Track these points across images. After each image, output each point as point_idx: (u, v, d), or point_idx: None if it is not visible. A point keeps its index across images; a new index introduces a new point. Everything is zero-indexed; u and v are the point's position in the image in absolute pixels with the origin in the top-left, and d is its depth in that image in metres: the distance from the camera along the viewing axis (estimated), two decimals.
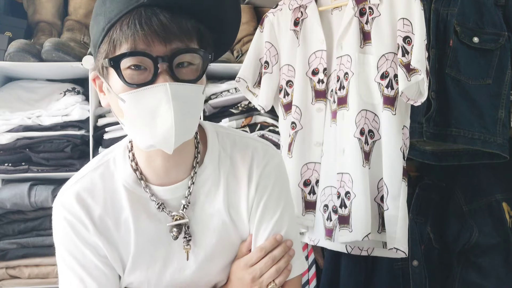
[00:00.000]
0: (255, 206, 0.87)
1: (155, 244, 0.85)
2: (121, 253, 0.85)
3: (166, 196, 0.85)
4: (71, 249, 0.84)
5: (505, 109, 1.42)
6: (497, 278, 1.49)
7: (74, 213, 0.83)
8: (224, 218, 0.87)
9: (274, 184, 0.89)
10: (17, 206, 1.55)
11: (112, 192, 0.85)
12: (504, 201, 1.52)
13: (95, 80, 0.81)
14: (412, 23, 1.25)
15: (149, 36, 0.69)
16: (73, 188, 0.85)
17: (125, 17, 0.70)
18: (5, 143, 1.60)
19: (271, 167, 0.89)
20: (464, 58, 1.43)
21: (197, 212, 0.86)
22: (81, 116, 1.64)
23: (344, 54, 1.36)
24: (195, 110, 0.77)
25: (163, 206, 0.84)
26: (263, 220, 0.87)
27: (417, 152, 1.52)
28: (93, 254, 0.83)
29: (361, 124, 1.31)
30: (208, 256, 0.87)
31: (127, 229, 0.84)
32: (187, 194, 0.85)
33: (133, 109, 0.73)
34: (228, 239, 0.88)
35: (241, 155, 0.88)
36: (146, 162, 0.84)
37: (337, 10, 1.41)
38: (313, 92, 1.44)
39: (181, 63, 0.74)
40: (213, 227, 0.86)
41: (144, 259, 0.85)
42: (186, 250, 0.85)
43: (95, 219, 0.83)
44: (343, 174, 1.33)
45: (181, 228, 0.84)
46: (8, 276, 1.60)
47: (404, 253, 1.26)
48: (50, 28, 1.76)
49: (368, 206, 1.29)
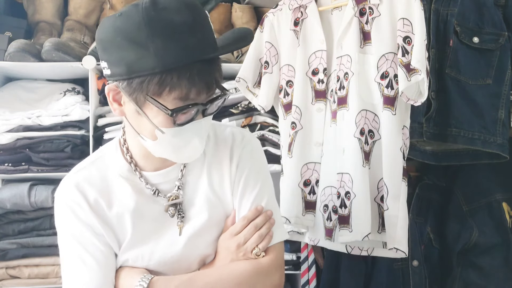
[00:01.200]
0: (236, 182, 0.97)
1: (150, 223, 0.94)
2: (117, 234, 0.93)
3: (159, 180, 0.95)
4: (71, 230, 0.92)
5: (505, 109, 1.42)
6: (497, 278, 1.49)
7: (73, 198, 0.92)
8: (210, 196, 0.96)
9: (253, 163, 0.99)
10: (17, 206, 1.55)
11: (108, 180, 0.94)
12: (504, 201, 1.52)
13: (109, 93, 0.85)
14: (412, 23, 1.25)
15: (198, 89, 0.79)
16: (72, 178, 0.95)
17: (182, 68, 0.76)
18: (5, 143, 1.60)
19: (249, 148, 1.00)
20: (464, 58, 1.43)
21: (188, 192, 0.96)
22: (81, 116, 1.64)
23: (344, 54, 1.36)
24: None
25: (158, 191, 0.94)
26: (245, 193, 0.97)
27: (417, 152, 1.52)
28: (90, 232, 0.91)
29: (361, 124, 1.31)
30: (196, 231, 0.94)
31: (122, 211, 0.93)
32: (180, 176, 0.95)
33: (170, 139, 0.84)
34: (214, 215, 0.96)
35: (222, 140, 1.00)
36: (142, 156, 0.93)
37: (337, 10, 1.42)
38: (313, 92, 1.44)
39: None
40: (201, 205, 0.96)
41: (139, 237, 0.93)
42: (179, 226, 0.94)
43: (90, 202, 0.92)
44: (343, 174, 1.33)
45: (176, 207, 0.94)
46: (8, 276, 1.60)
47: (404, 253, 1.26)
48: (50, 28, 1.76)
49: (368, 206, 1.29)
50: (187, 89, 0.78)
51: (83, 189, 0.92)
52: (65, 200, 0.93)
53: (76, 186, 0.92)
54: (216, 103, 0.86)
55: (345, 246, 1.39)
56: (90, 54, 1.63)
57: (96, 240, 0.91)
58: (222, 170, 0.98)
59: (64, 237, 0.93)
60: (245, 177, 0.97)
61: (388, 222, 1.28)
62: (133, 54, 0.76)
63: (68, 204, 0.92)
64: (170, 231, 0.95)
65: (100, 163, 0.96)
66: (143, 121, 0.83)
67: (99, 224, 0.91)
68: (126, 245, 0.93)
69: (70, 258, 0.92)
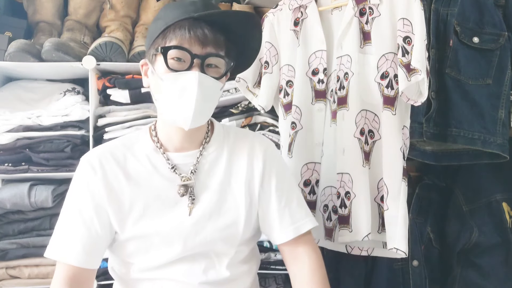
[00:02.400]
0: (267, 179, 1.09)
1: (163, 199, 1.03)
2: (126, 206, 1.01)
3: (178, 161, 1.06)
4: (78, 196, 1.02)
5: (505, 109, 1.42)
6: (497, 278, 1.49)
7: (91, 163, 1.03)
8: (224, 184, 1.06)
9: (280, 165, 1.13)
10: (17, 206, 1.55)
11: (130, 156, 1.06)
12: (504, 201, 1.52)
13: (142, 67, 1.07)
14: (412, 23, 1.25)
15: (192, 39, 0.96)
16: (98, 149, 1.08)
17: (178, 23, 0.96)
18: (5, 143, 1.60)
19: (272, 148, 1.14)
20: (464, 58, 1.43)
21: (201, 177, 1.06)
22: (81, 116, 1.63)
23: (344, 54, 1.36)
24: (212, 100, 1.02)
25: (175, 168, 1.05)
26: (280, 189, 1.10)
27: (417, 152, 1.52)
28: (93, 207, 1.00)
29: (361, 124, 1.31)
30: (206, 214, 1.04)
31: (137, 184, 1.03)
32: (196, 162, 1.07)
33: (168, 87, 0.97)
34: (223, 201, 1.06)
35: (242, 139, 1.13)
36: (166, 136, 1.07)
37: (337, 10, 1.42)
38: (313, 92, 1.44)
39: (210, 64, 0.99)
40: (212, 190, 1.05)
41: (151, 211, 1.02)
42: (190, 208, 1.03)
43: (107, 172, 1.02)
44: (343, 174, 1.33)
45: (187, 188, 1.04)
46: (8, 276, 1.60)
47: (404, 253, 1.26)
48: (50, 28, 1.76)
49: (368, 206, 1.29)
50: (181, 38, 0.95)
51: (104, 158, 1.04)
52: (84, 165, 1.04)
53: (98, 155, 1.05)
54: (214, 64, 0.99)
55: (345, 246, 1.39)
56: (90, 54, 1.63)
57: (95, 218, 1.00)
58: (239, 163, 1.09)
59: (70, 198, 1.04)
60: (276, 184, 1.09)
61: (388, 222, 1.28)
62: (153, 27, 1.01)
63: (85, 171, 1.03)
64: (180, 210, 1.03)
65: (127, 141, 1.09)
66: (155, 79, 1.00)
67: (106, 196, 1.01)
68: (137, 216, 1.01)
69: (66, 218, 1.02)
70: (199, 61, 0.96)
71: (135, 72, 1.68)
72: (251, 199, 1.08)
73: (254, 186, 1.08)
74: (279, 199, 1.08)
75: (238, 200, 1.07)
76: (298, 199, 1.12)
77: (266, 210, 1.09)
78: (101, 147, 1.08)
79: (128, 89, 1.65)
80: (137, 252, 1.03)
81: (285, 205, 1.09)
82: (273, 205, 1.08)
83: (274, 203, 1.08)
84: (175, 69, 0.96)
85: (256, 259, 1.18)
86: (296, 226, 1.08)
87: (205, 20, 0.97)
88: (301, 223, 1.09)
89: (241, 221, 1.06)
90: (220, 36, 0.99)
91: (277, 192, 1.09)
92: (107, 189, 1.01)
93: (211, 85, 0.98)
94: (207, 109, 1.02)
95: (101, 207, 1.01)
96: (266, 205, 1.09)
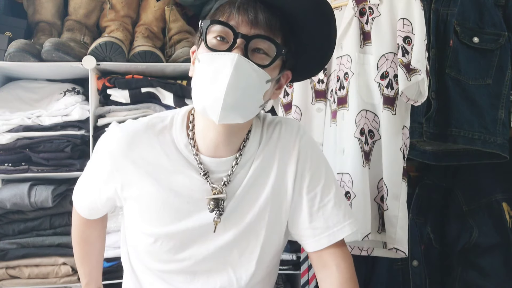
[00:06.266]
0: (298, 182, 0.94)
1: (183, 201, 0.91)
2: (141, 196, 0.92)
3: (211, 166, 0.91)
4: (98, 162, 0.96)
5: (505, 109, 1.42)
6: (497, 278, 1.49)
7: (127, 141, 0.92)
8: (260, 203, 0.93)
9: (314, 159, 0.96)
10: (17, 206, 1.55)
11: (161, 148, 0.91)
12: (504, 201, 1.52)
13: (193, 53, 0.91)
14: (412, 23, 1.25)
15: (241, 17, 0.80)
16: (135, 127, 0.94)
17: (231, 1, 0.82)
18: (5, 143, 1.60)
19: (306, 140, 0.97)
20: (464, 58, 1.43)
21: (235, 191, 0.92)
22: (81, 116, 1.63)
23: (344, 54, 1.36)
24: (252, 92, 0.82)
25: (208, 174, 0.91)
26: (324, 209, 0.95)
27: (417, 152, 1.52)
28: (105, 180, 0.94)
29: (361, 124, 1.31)
30: (236, 235, 0.92)
31: (158, 178, 0.90)
32: (230, 172, 0.91)
33: (202, 69, 0.81)
34: (256, 227, 0.93)
35: (272, 138, 0.96)
36: (201, 133, 0.91)
37: (337, 10, 1.41)
38: (313, 92, 1.44)
39: (258, 48, 0.82)
40: (246, 210, 0.93)
41: (169, 212, 0.91)
42: (216, 222, 0.91)
43: (135, 158, 0.91)
44: (343, 174, 1.33)
45: (218, 202, 0.90)
46: (8, 276, 1.60)
47: (404, 253, 1.26)
48: (50, 28, 1.76)
49: (368, 206, 1.29)
50: (228, 15, 0.81)
51: (136, 141, 0.91)
52: (119, 140, 0.92)
53: (133, 136, 0.92)
54: (262, 50, 0.82)
55: None
56: (90, 54, 1.63)
57: (103, 192, 0.96)
58: (285, 175, 0.95)
59: (92, 163, 1.00)
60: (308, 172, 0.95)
61: (388, 222, 1.28)
62: (208, 9, 0.96)
63: (119, 146, 0.92)
64: (204, 221, 0.91)
65: (164, 130, 0.94)
66: (195, 62, 0.86)
67: (124, 184, 0.92)
68: (154, 217, 0.92)
69: (85, 176, 1.03)
70: (243, 41, 0.79)
71: (135, 72, 1.68)
72: (275, 217, 0.96)
73: (285, 198, 0.95)
74: (311, 202, 0.94)
75: (262, 222, 0.95)
76: (336, 198, 0.95)
77: (296, 216, 0.96)
78: (136, 127, 0.94)
79: (128, 89, 1.65)
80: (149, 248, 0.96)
81: (319, 208, 0.94)
82: (304, 211, 0.95)
83: (305, 208, 0.94)
84: (214, 49, 0.81)
85: (275, 270, 1.08)
86: (331, 232, 0.94)
87: (263, 1, 0.82)
88: (337, 228, 0.94)
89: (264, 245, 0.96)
90: (277, 20, 0.82)
91: (309, 194, 0.94)
92: (124, 175, 0.92)
93: (252, 73, 0.80)
94: (245, 101, 0.82)
95: (113, 188, 0.95)
96: (296, 211, 0.96)
